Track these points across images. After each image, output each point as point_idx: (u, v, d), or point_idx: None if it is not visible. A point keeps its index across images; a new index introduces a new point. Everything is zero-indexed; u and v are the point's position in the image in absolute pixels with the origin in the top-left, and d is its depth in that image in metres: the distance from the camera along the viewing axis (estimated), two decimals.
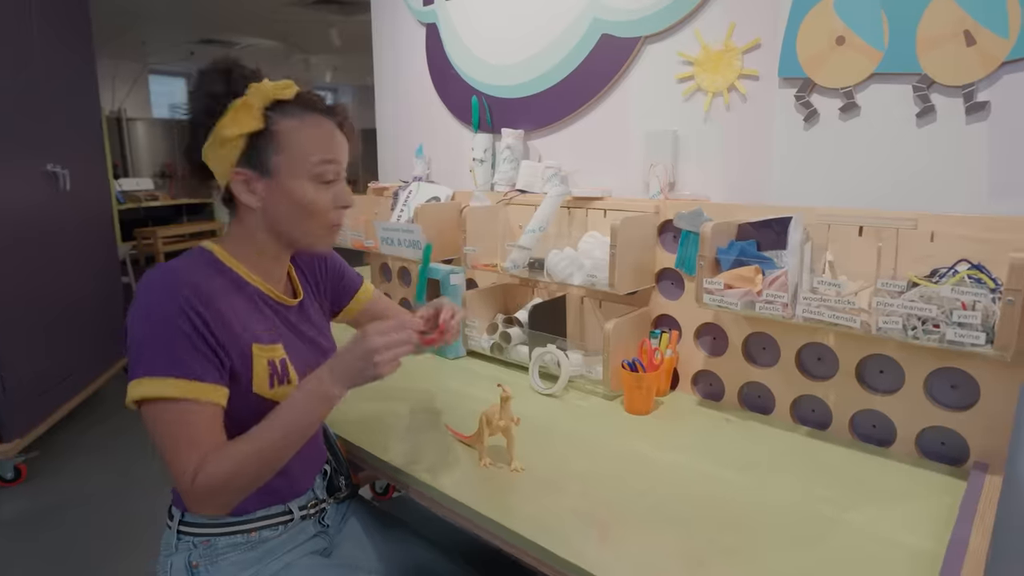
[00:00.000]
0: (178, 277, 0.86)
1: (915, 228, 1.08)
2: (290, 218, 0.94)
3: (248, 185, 0.91)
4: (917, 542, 0.88)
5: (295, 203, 0.92)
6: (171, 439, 0.83)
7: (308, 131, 0.92)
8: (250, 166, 0.90)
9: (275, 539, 1.00)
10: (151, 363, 0.83)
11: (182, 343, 0.83)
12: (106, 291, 3.23)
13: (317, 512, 1.07)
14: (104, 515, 2.19)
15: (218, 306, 0.87)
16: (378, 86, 2.26)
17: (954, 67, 1.08)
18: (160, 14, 5.81)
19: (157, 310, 0.84)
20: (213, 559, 0.96)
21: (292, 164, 0.91)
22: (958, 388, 1.09)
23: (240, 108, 0.88)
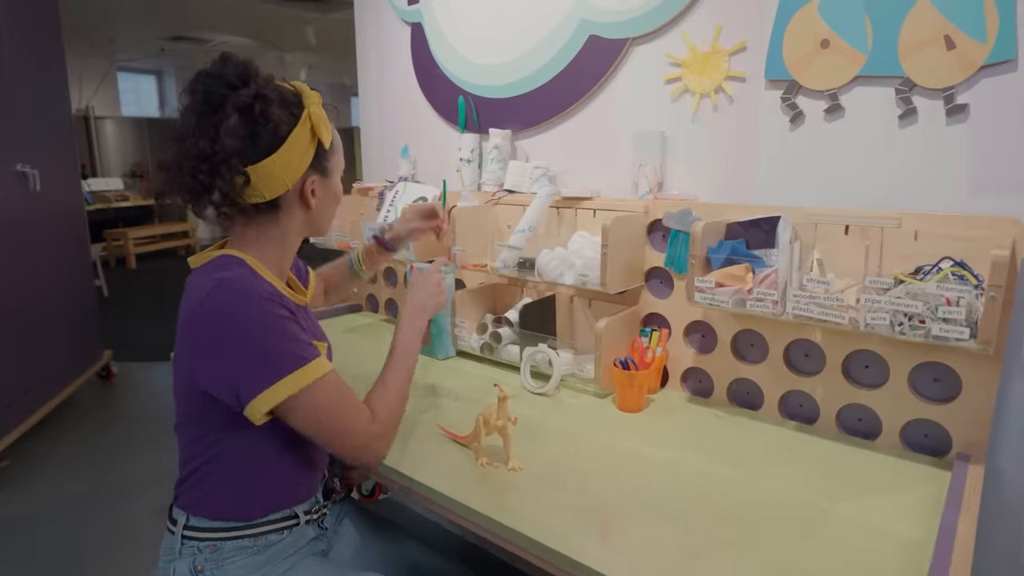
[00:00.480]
0: (250, 283, 0.89)
1: (899, 227, 1.12)
2: (329, 211, 1.04)
3: (313, 188, 0.98)
4: (907, 531, 0.90)
5: (337, 199, 1.04)
6: (338, 407, 0.92)
7: (336, 136, 1.01)
8: (316, 170, 0.97)
9: (280, 543, 1.01)
10: (279, 364, 0.87)
11: (293, 333, 0.89)
12: (78, 294, 3.14)
13: (319, 516, 1.08)
14: (79, 524, 2.13)
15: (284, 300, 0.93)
16: (362, 85, 2.24)
17: (935, 71, 1.11)
18: (129, 10, 5.68)
19: (257, 317, 0.87)
20: (219, 563, 0.96)
21: (338, 163, 1.02)
22: (940, 381, 1.13)
23: (318, 119, 0.93)
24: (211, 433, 0.94)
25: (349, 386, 0.96)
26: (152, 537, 2.10)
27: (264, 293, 0.88)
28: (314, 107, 0.93)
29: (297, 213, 0.98)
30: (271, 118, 0.88)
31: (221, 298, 0.86)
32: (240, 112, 0.87)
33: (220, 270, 0.90)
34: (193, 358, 0.89)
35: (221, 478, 0.96)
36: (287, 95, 0.93)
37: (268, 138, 0.89)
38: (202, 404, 0.92)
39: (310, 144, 0.94)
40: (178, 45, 7.11)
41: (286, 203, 0.96)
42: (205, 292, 0.87)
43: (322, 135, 0.94)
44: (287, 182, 0.93)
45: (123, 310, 5.16)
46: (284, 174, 0.92)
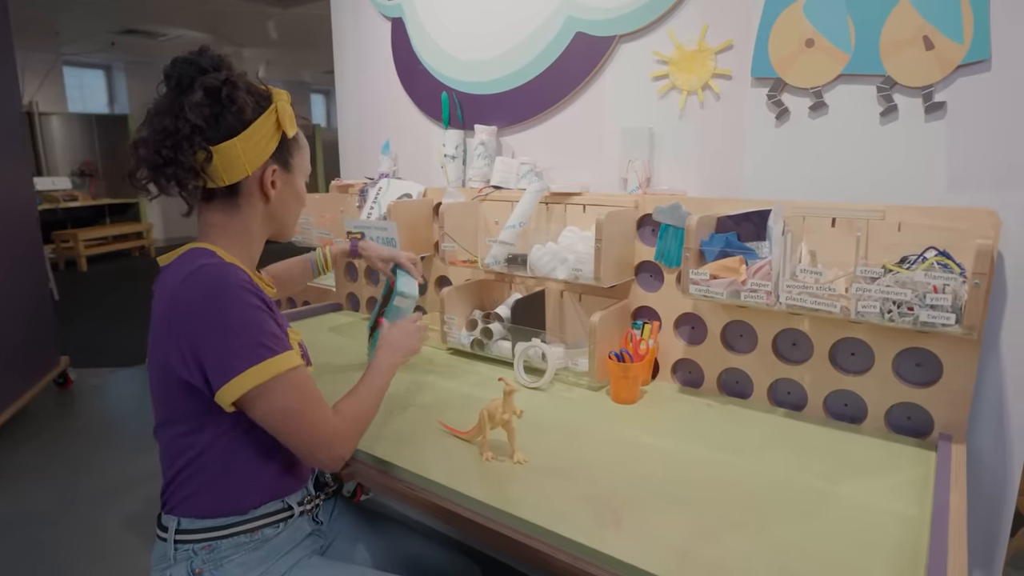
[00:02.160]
0: (226, 270, 0.89)
1: (883, 219, 1.17)
2: (291, 211, 1.06)
3: (273, 180, 0.99)
4: (903, 509, 0.95)
5: (299, 198, 1.06)
6: (300, 405, 0.91)
7: (304, 141, 1.06)
8: (278, 162, 0.99)
9: (276, 537, 0.99)
10: (251, 352, 0.87)
11: (267, 322, 0.90)
12: (32, 298, 3.00)
13: (313, 508, 1.07)
14: (48, 537, 2.04)
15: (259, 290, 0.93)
16: (339, 82, 2.20)
17: (914, 70, 1.17)
18: (77, 2, 5.43)
19: (231, 302, 0.87)
20: (218, 563, 0.94)
21: (302, 164, 1.05)
22: (922, 366, 1.18)
23: (283, 112, 0.97)
24: (193, 427, 0.93)
25: (315, 390, 0.95)
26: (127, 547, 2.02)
27: (240, 281, 0.89)
28: (282, 102, 0.97)
29: (258, 204, 1.00)
30: (236, 101, 0.91)
31: (197, 284, 0.87)
32: (206, 92, 0.90)
33: (193, 261, 0.90)
34: (169, 347, 0.88)
35: (208, 472, 0.94)
36: (256, 88, 0.97)
37: (232, 120, 0.91)
38: (182, 397, 0.91)
39: (274, 135, 0.96)
40: (129, 39, 6.84)
41: (246, 191, 0.98)
42: (180, 280, 0.88)
43: (287, 127, 0.97)
44: (247, 168, 0.94)
45: (76, 314, 4.94)
46: (245, 159, 0.94)
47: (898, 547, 0.86)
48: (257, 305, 0.89)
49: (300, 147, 1.04)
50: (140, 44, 7.12)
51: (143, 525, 2.07)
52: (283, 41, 6.53)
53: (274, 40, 6.33)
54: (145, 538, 1.96)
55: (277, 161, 0.99)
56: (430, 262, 1.92)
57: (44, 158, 7.39)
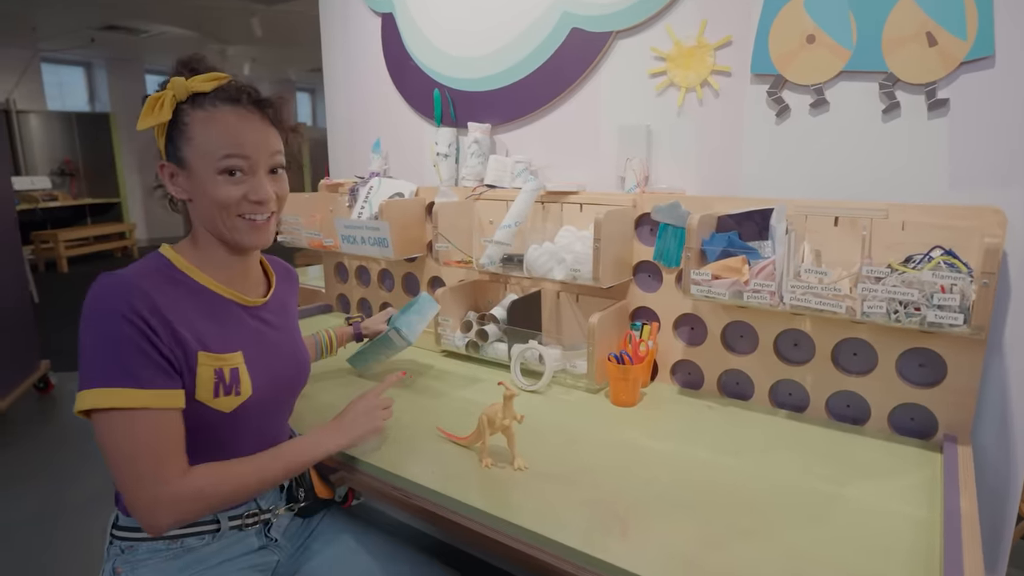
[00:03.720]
0: (125, 284, 0.85)
1: (887, 217, 1.15)
2: (208, 212, 0.92)
3: (172, 178, 0.93)
4: (914, 512, 0.93)
5: (207, 197, 0.91)
6: (128, 448, 0.82)
7: (215, 123, 0.90)
8: (170, 159, 0.92)
9: (203, 548, 0.95)
10: (103, 373, 0.82)
11: (133, 351, 0.82)
12: (11, 301, 2.92)
13: (256, 523, 1.00)
14: (28, 544, 1.97)
15: (165, 313, 0.86)
16: (328, 78, 2.16)
17: (917, 66, 1.15)
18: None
19: (106, 318, 0.83)
20: (135, 566, 0.93)
21: (200, 157, 0.90)
22: (926, 367, 1.17)
23: (153, 99, 0.89)
24: None
25: (169, 432, 0.85)
26: None
27: (127, 308, 0.82)
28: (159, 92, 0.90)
29: (190, 207, 0.95)
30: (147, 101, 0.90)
31: (94, 290, 0.85)
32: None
33: (126, 268, 0.89)
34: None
35: None
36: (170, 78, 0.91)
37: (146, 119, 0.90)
38: None
39: (159, 129, 0.91)
40: (110, 35, 6.71)
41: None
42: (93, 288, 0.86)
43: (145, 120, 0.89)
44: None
45: (57, 317, 4.83)
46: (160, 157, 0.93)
47: (912, 552, 0.84)
48: (123, 332, 0.81)
49: (188, 137, 0.89)
50: (121, 40, 7.00)
51: None
52: (268, 38, 6.45)
53: (259, 37, 6.24)
54: None
55: (168, 155, 0.92)
56: (422, 263, 1.89)
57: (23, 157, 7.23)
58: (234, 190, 0.91)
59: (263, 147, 0.93)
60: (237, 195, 0.91)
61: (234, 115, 0.90)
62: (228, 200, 0.90)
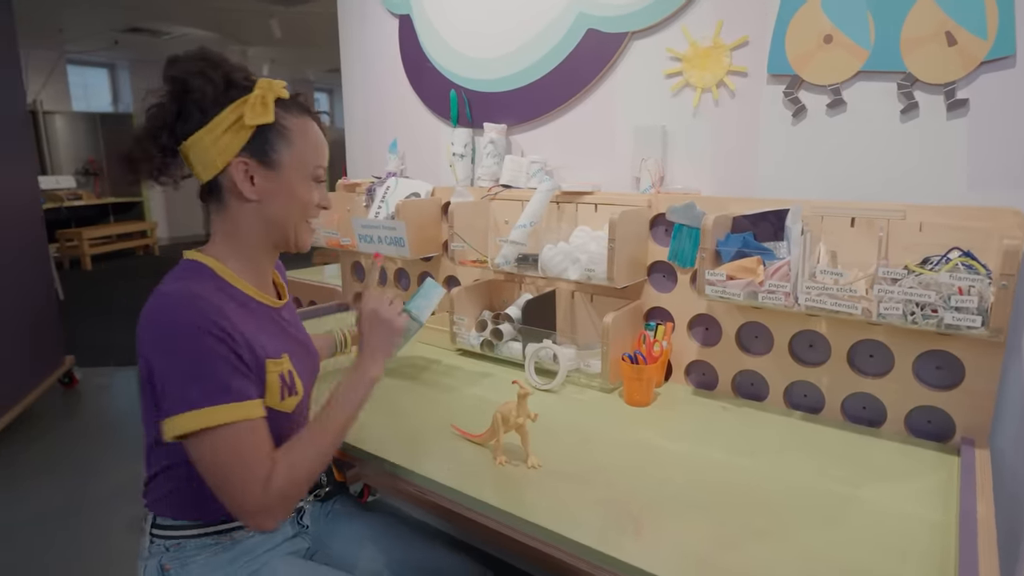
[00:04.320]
0: (198, 300, 0.85)
1: (904, 218, 1.14)
2: (286, 215, 0.96)
3: (248, 175, 0.92)
4: (929, 515, 0.93)
5: (294, 200, 0.95)
6: (233, 463, 0.83)
7: (309, 132, 0.96)
8: (253, 156, 0.91)
9: (248, 540, 0.99)
10: (201, 393, 0.82)
11: (223, 367, 0.83)
12: (37, 297, 2.99)
13: (294, 512, 1.06)
14: (55, 537, 2.03)
15: (236, 325, 0.87)
16: (346, 79, 2.18)
17: (936, 66, 1.14)
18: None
19: (192, 337, 0.82)
20: (184, 562, 0.95)
21: (297, 161, 0.94)
22: (943, 369, 1.16)
23: (256, 99, 0.89)
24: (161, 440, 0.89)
25: (263, 438, 0.86)
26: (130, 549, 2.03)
27: (200, 321, 0.83)
28: (259, 91, 0.90)
29: (239, 203, 0.93)
30: (198, 90, 0.88)
31: (161, 309, 0.85)
32: (173, 83, 0.89)
33: (175, 280, 0.89)
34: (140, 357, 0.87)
35: (177, 483, 0.94)
36: (236, 78, 0.91)
37: (195, 112, 0.89)
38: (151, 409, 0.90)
39: (243, 126, 0.89)
40: (133, 37, 6.82)
41: (224, 189, 0.93)
42: (154, 295, 0.87)
43: (254, 117, 0.89)
44: (217, 163, 0.90)
45: (81, 313, 4.94)
46: (213, 153, 0.90)
47: (927, 555, 0.84)
48: (211, 348, 0.82)
49: (289, 141, 0.92)
50: (144, 42, 7.11)
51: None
52: (287, 40, 6.51)
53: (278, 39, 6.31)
54: None
55: (253, 154, 0.90)
56: (438, 262, 1.90)
57: (48, 157, 7.39)
58: (316, 195, 0.98)
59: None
60: (316, 200, 0.98)
61: (318, 128, 0.98)
62: (311, 203, 0.97)
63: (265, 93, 0.90)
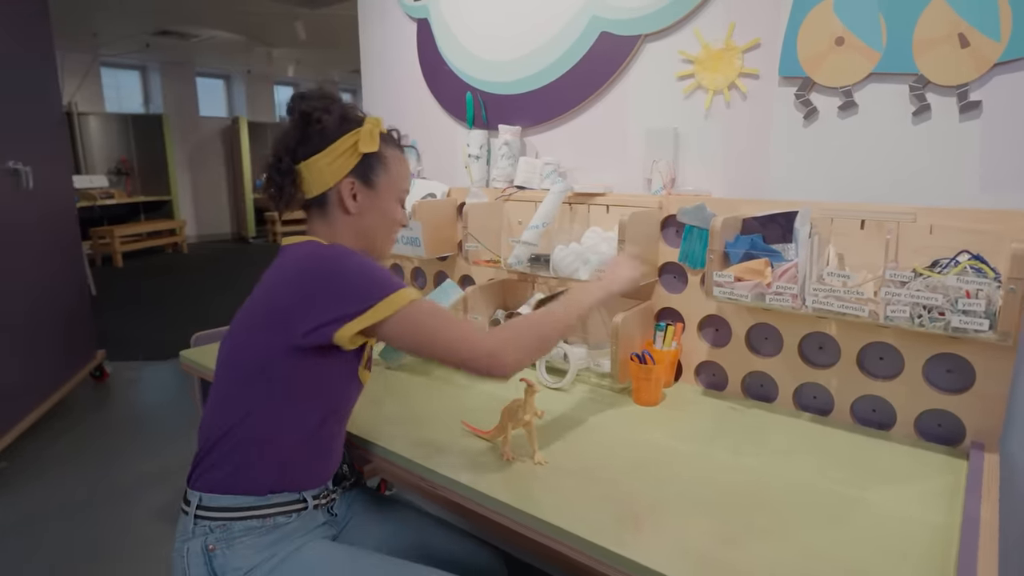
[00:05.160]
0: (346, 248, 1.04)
1: (914, 221, 1.14)
2: (377, 227, 1.12)
3: (353, 193, 1.08)
4: (932, 517, 0.93)
5: (385, 216, 1.12)
6: (450, 319, 1.00)
7: (401, 162, 1.14)
8: (358, 178, 1.08)
9: (288, 525, 1.03)
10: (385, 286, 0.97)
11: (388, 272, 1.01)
12: (71, 293, 3.10)
13: (328, 502, 1.11)
14: (84, 526, 2.11)
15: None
16: (365, 82, 2.23)
17: (949, 68, 1.14)
18: (114, 4, 5.58)
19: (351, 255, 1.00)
20: (229, 542, 0.99)
21: (391, 185, 1.11)
22: (954, 372, 1.16)
23: (367, 132, 1.07)
24: (244, 407, 0.99)
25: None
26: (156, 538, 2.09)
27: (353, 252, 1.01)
28: (368, 126, 1.07)
29: (342, 216, 1.09)
30: (321, 122, 1.04)
31: (326, 249, 1.01)
32: (301, 116, 1.06)
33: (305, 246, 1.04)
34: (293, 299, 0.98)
35: (238, 451, 1.00)
36: (350, 113, 1.08)
37: (316, 139, 1.05)
38: (249, 375, 0.99)
39: (355, 152, 1.06)
40: (164, 40, 7.00)
41: (332, 202, 1.08)
42: (309, 249, 1.01)
43: (365, 146, 1.06)
44: (330, 180, 1.06)
45: (112, 309, 5.08)
46: (328, 172, 1.06)
47: (926, 556, 0.84)
48: (372, 263, 1.00)
49: (388, 170, 1.10)
50: (174, 45, 7.29)
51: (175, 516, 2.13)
52: (311, 41, 6.62)
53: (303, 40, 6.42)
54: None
55: (358, 176, 1.07)
56: (453, 262, 1.94)
57: (83, 157, 7.61)
58: (401, 214, 1.16)
59: None
60: (400, 220, 1.16)
61: (406, 159, 1.17)
62: (397, 220, 1.15)
63: (373, 128, 1.07)
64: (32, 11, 2.82)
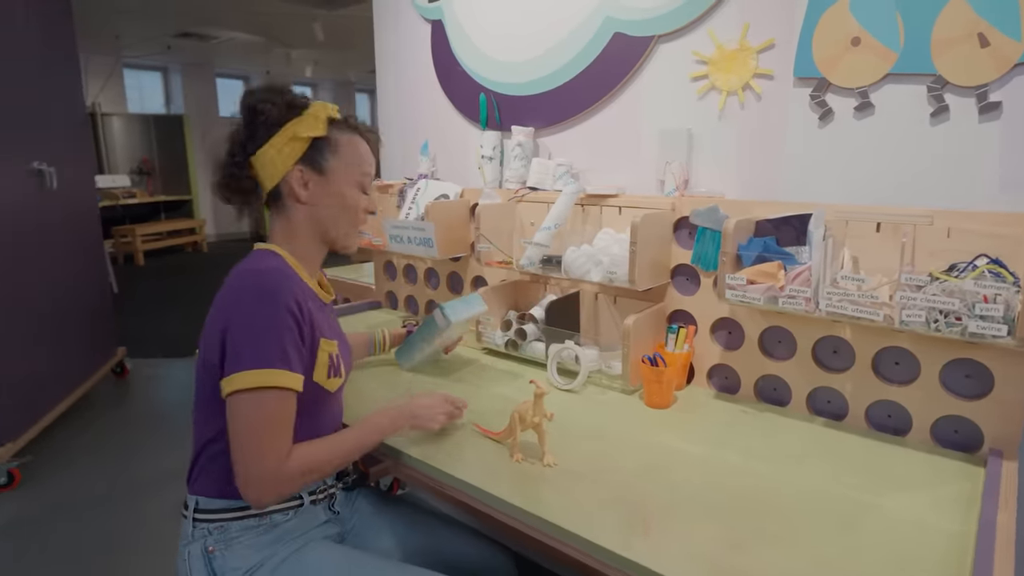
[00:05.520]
0: (282, 278, 0.98)
1: (931, 224, 1.12)
2: (336, 217, 1.08)
3: (303, 181, 1.05)
4: (948, 525, 0.91)
5: (342, 203, 1.08)
6: (266, 427, 0.91)
7: (358, 145, 1.10)
8: (308, 165, 1.05)
9: (287, 523, 1.04)
10: (263, 355, 0.92)
11: (289, 338, 0.94)
12: (93, 291, 3.16)
13: (326, 497, 1.12)
14: (105, 519, 2.15)
15: (304, 305, 0.98)
16: (380, 83, 2.24)
17: (968, 68, 1.12)
18: (136, 7, 5.67)
19: (269, 308, 0.94)
20: (228, 543, 1.00)
21: (344, 169, 1.07)
22: (972, 378, 1.13)
23: (310, 116, 1.04)
24: (217, 422, 0.98)
25: (293, 414, 0.95)
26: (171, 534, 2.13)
27: (285, 296, 0.95)
28: (313, 109, 1.04)
29: (296, 207, 1.06)
30: (265, 112, 1.02)
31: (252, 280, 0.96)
32: (247, 110, 1.04)
33: (258, 261, 1.01)
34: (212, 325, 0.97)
35: (223, 453, 0.99)
36: (295, 101, 1.04)
37: (262, 130, 1.03)
38: (209, 378, 0.98)
39: (299, 139, 1.03)
40: (185, 42, 7.10)
41: (284, 195, 1.06)
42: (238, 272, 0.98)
43: (307, 130, 1.03)
44: (280, 170, 1.04)
45: (133, 307, 5.17)
46: (278, 162, 1.04)
47: (942, 564, 0.83)
48: (287, 323, 0.94)
49: (337, 153, 1.06)
50: (194, 47, 7.40)
51: None
52: (329, 42, 6.68)
53: (320, 41, 6.47)
54: None
55: (307, 163, 1.04)
56: (466, 263, 1.94)
57: (106, 157, 7.75)
58: (362, 202, 1.10)
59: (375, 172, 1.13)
60: (361, 207, 1.10)
61: (366, 144, 1.11)
62: (357, 207, 1.09)
63: (318, 112, 1.04)
64: (56, 15, 2.88)
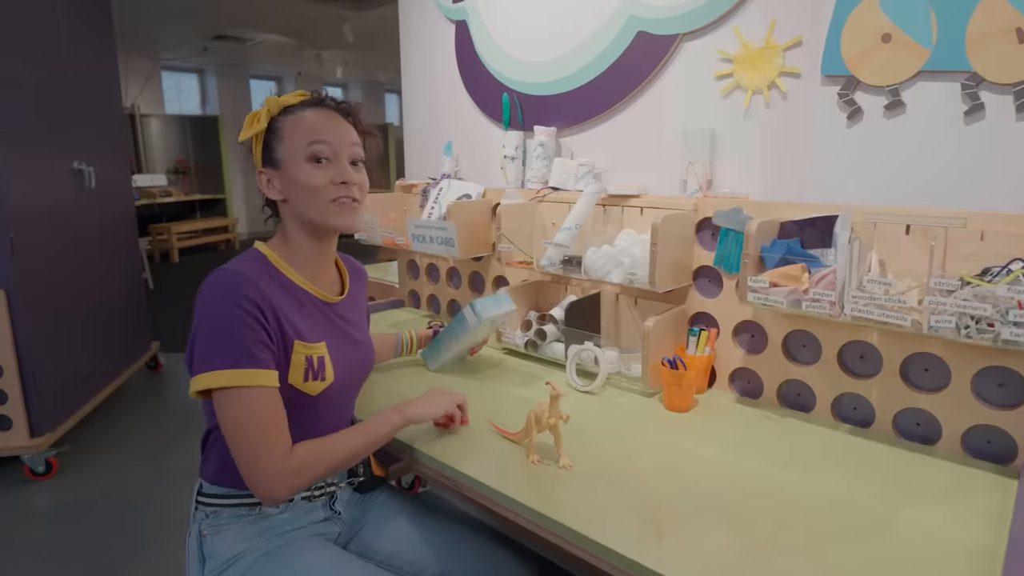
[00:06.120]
0: (238, 276, 0.95)
1: (964, 227, 1.09)
2: (305, 204, 1.03)
3: (269, 182, 1.05)
4: (973, 538, 0.88)
5: (299, 185, 1.02)
6: (256, 426, 0.91)
7: (302, 121, 1.03)
8: (266, 164, 1.05)
9: (278, 516, 1.05)
10: (224, 355, 0.91)
11: (249, 335, 0.92)
12: (129, 287, 3.25)
13: (325, 495, 1.11)
14: (137, 507, 2.22)
15: (271, 303, 0.96)
16: (405, 83, 2.26)
17: (1005, 65, 1.08)
18: (172, 10, 5.83)
19: (225, 307, 0.92)
20: (218, 529, 1.03)
21: (291, 150, 1.02)
22: (1006, 386, 1.09)
23: (251, 116, 1.04)
24: (212, 417, 1.01)
25: (283, 413, 0.95)
26: None
27: (244, 295, 0.92)
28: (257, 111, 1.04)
29: (280, 207, 1.07)
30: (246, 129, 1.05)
31: (212, 282, 0.94)
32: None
33: (232, 262, 0.99)
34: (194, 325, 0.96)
35: (219, 442, 1.03)
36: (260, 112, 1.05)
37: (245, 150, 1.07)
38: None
39: (254, 145, 1.05)
40: (220, 44, 7.28)
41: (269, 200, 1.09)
42: (209, 273, 0.96)
43: (248, 132, 1.04)
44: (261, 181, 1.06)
45: (167, 303, 5.31)
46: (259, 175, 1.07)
47: None
48: (243, 321, 0.91)
49: (280, 138, 1.02)
50: (229, 49, 7.57)
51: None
52: (359, 43, 6.76)
53: (350, 43, 6.56)
54: None
55: (266, 162, 1.05)
56: (487, 263, 1.95)
57: (144, 157, 7.98)
58: (321, 175, 1.01)
59: (343, 137, 1.04)
60: (324, 180, 1.01)
61: (317, 114, 1.04)
62: (317, 184, 1.01)
63: (264, 107, 1.03)
64: (96, 18, 2.97)
